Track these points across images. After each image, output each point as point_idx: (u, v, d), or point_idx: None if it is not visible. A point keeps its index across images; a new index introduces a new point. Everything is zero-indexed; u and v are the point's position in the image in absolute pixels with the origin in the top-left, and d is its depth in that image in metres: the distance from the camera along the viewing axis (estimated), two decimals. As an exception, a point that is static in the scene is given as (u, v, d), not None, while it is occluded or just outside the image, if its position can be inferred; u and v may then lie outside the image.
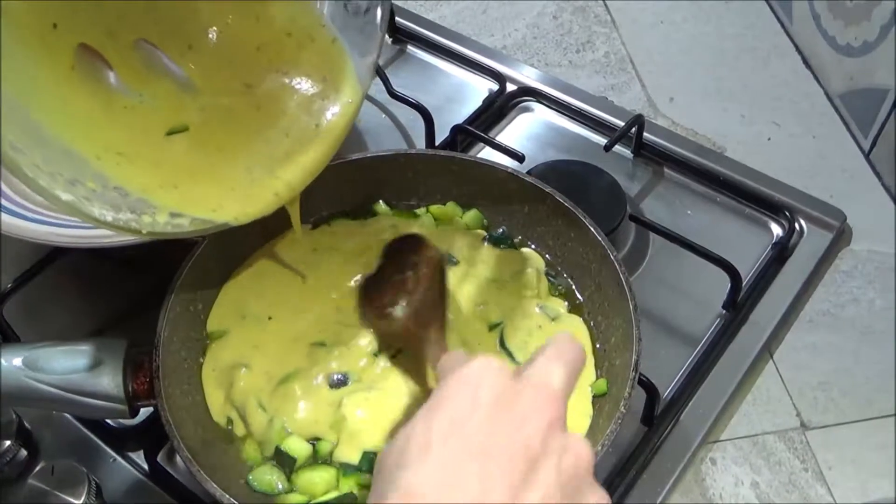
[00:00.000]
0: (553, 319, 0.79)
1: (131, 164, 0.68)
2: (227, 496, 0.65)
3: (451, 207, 0.87)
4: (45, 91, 0.66)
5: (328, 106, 0.75)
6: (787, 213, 0.96)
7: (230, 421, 0.74)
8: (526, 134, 1.08)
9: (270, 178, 0.72)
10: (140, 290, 0.87)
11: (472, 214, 0.87)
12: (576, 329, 0.79)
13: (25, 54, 0.65)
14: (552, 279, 0.83)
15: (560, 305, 0.81)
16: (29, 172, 0.59)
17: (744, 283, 0.89)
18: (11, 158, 0.58)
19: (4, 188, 0.80)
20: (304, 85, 0.75)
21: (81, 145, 0.66)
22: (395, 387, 0.74)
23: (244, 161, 0.73)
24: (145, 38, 0.72)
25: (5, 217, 0.77)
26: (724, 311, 0.89)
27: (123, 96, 0.71)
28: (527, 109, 1.10)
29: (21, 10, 0.64)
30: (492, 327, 0.78)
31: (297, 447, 0.71)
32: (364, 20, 0.73)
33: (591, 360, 0.77)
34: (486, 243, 0.85)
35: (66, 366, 0.68)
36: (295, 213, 0.76)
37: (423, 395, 0.73)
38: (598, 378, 0.76)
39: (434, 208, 0.87)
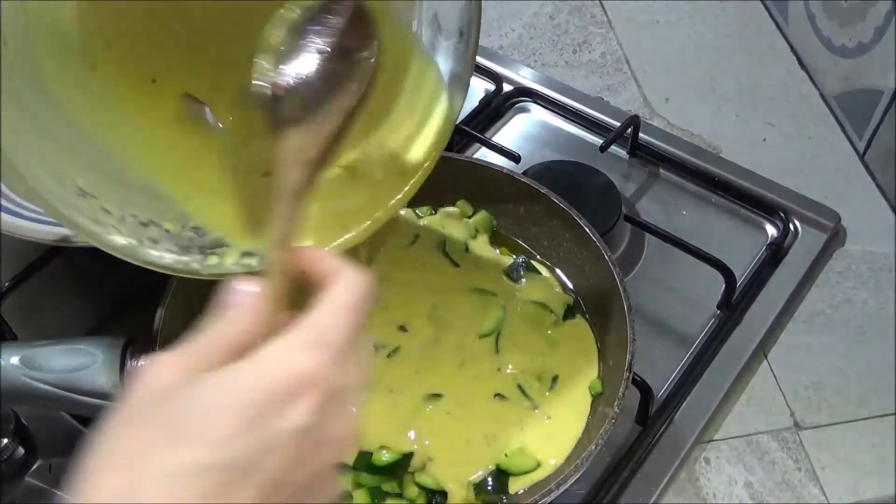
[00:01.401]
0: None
1: (225, 202, 0.65)
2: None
3: (461, 205, 0.87)
4: (144, 134, 0.65)
5: (414, 147, 0.68)
6: (782, 214, 0.97)
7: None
8: (522, 134, 1.08)
9: (343, 228, 0.68)
10: (138, 288, 0.87)
11: (481, 216, 0.87)
12: (581, 333, 0.80)
13: (122, 101, 0.64)
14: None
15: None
16: (80, 220, 0.58)
17: (738, 284, 0.89)
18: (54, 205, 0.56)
19: (2, 187, 0.80)
20: (399, 122, 0.68)
21: (173, 186, 0.64)
22: (391, 385, 0.75)
23: (330, 202, 0.68)
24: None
25: (3, 216, 0.78)
26: (719, 312, 0.89)
27: (227, 137, 0.69)
28: (523, 110, 1.11)
29: (115, 65, 0.63)
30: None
31: (293, 446, 0.71)
32: (455, 41, 0.66)
33: (594, 361, 0.78)
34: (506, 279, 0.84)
35: (63, 364, 0.68)
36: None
37: None
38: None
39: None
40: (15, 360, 0.67)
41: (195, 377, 0.42)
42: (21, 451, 0.78)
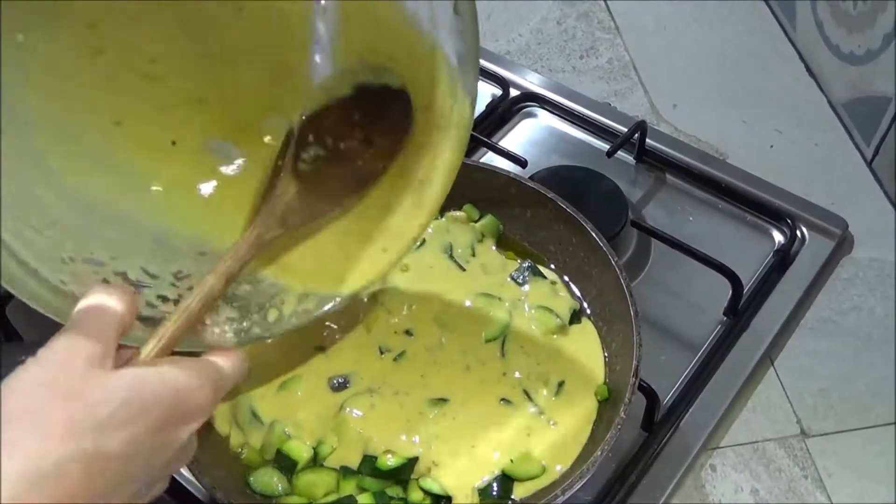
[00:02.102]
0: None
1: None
2: (228, 497, 0.65)
3: (468, 210, 0.87)
4: (175, 194, 0.65)
5: (436, 143, 0.63)
6: (789, 221, 0.96)
7: (231, 429, 0.74)
8: (529, 139, 1.08)
9: (382, 252, 0.65)
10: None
11: (487, 221, 0.87)
12: (587, 338, 0.80)
13: (155, 170, 0.64)
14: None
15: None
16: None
17: (745, 290, 0.89)
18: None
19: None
20: (408, 122, 0.64)
21: (218, 242, 0.63)
22: (397, 389, 0.75)
23: (358, 232, 0.66)
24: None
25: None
26: (725, 318, 0.89)
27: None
28: (530, 115, 1.11)
29: (131, 136, 0.63)
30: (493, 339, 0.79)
31: (298, 450, 0.71)
32: (452, 16, 0.58)
33: (601, 367, 0.78)
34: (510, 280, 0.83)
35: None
36: None
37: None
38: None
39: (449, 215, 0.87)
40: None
41: (108, 372, 0.47)
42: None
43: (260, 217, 0.60)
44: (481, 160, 1.02)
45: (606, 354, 0.78)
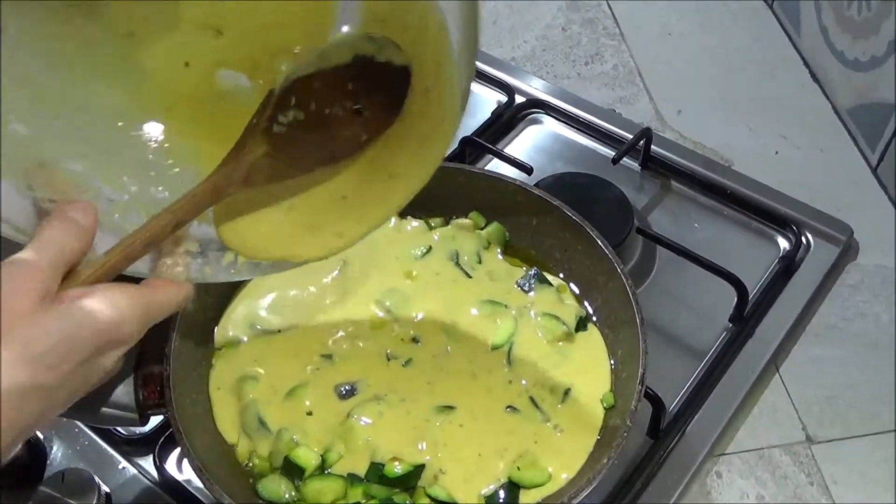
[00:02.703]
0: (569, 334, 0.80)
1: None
2: (236, 505, 0.65)
3: (474, 217, 0.87)
4: (181, 118, 0.66)
5: (423, 135, 0.62)
6: (794, 227, 0.96)
7: (238, 437, 0.74)
8: (534, 146, 1.08)
9: (337, 236, 0.66)
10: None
11: (493, 228, 0.87)
12: (593, 346, 0.80)
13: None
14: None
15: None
16: None
17: (750, 297, 0.89)
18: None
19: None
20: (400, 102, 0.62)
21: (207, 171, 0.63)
22: (403, 396, 0.75)
23: (318, 211, 0.66)
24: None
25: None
26: (731, 325, 0.89)
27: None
28: (535, 121, 1.11)
29: (143, 49, 0.63)
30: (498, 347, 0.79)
31: (305, 457, 0.71)
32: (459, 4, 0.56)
33: (607, 374, 0.78)
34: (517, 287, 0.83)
35: (76, 374, 0.69)
36: None
37: None
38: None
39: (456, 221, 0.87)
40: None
41: (51, 306, 0.50)
42: (34, 460, 0.78)
43: (223, 170, 0.60)
44: (487, 167, 1.03)
45: (612, 362, 0.79)
